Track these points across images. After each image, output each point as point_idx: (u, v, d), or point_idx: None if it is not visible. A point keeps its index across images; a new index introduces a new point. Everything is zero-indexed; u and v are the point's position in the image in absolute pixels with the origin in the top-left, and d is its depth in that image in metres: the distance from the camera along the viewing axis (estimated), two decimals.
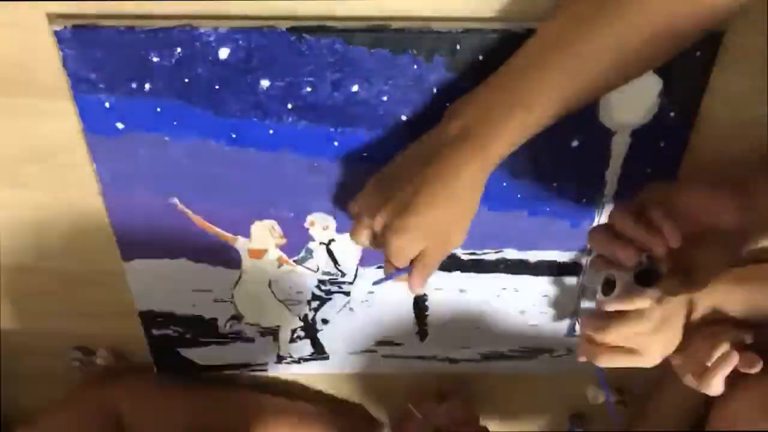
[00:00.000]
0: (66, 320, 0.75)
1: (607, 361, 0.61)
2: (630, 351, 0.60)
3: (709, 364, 0.59)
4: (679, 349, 0.62)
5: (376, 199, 0.53)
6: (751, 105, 0.57)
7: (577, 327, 0.73)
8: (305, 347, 0.76)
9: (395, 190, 0.51)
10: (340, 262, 0.68)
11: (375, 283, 0.60)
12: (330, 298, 0.71)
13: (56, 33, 0.52)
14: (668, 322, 0.60)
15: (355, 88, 0.55)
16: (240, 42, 0.52)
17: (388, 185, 0.52)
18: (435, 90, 0.55)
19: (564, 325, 0.74)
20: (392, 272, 0.55)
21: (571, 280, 0.69)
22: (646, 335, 0.59)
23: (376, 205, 0.52)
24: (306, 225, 0.64)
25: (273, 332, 0.74)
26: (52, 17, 0.52)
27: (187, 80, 0.54)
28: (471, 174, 0.50)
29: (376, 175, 0.55)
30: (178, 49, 0.53)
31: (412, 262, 0.53)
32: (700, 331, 0.62)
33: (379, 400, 0.85)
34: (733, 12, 0.46)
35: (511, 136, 0.49)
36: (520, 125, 0.49)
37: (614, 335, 0.59)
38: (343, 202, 0.62)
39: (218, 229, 0.65)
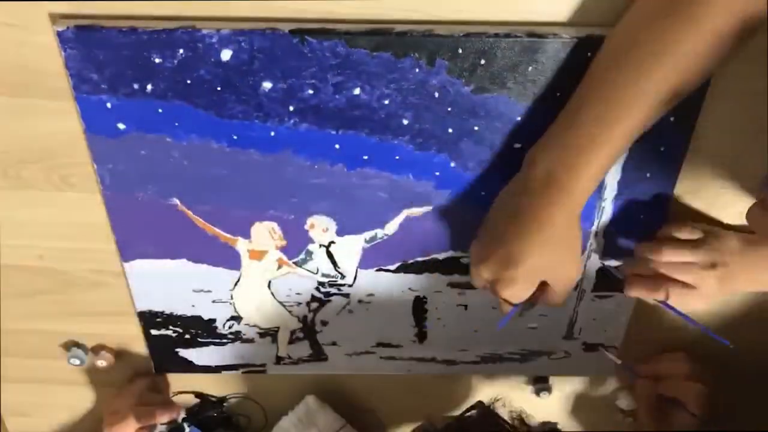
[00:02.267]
0: (66, 320, 0.74)
1: (657, 292, 0.60)
2: (683, 284, 0.59)
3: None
4: None
5: (482, 252, 0.56)
6: (751, 108, 0.57)
7: (577, 329, 0.74)
8: (304, 348, 0.76)
9: (496, 244, 0.54)
10: (339, 265, 0.68)
11: (500, 325, 0.61)
12: (329, 300, 0.71)
13: (58, 33, 0.52)
14: (725, 263, 0.60)
15: (356, 91, 0.55)
16: (242, 44, 0.52)
17: (489, 238, 0.56)
18: (437, 94, 0.55)
19: (562, 327, 0.74)
20: (510, 310, 0.58)
21: None
22: (702, 268, 0.59)
23: (484, 257, 0.55)
24: (306, 227, 0.65)
25: (272, 333, 0.74)
26: (55, 17, 0.52)
27: (189, 81, 0.54)
28: (562, 217, 0.51)
29: (480, 228, 0.58)
30: (181, 51, 0.53)
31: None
32: None
33: (377, 402, 0.86)
34: None
35: (594, 174, 0.50)
36: (601, 163, 0.50)
37: (670, 256, 0.59)
38: (344, 204, 0.62)
39: (218, 230, 0.65)
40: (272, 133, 0.58)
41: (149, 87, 0.55)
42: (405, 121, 0.57)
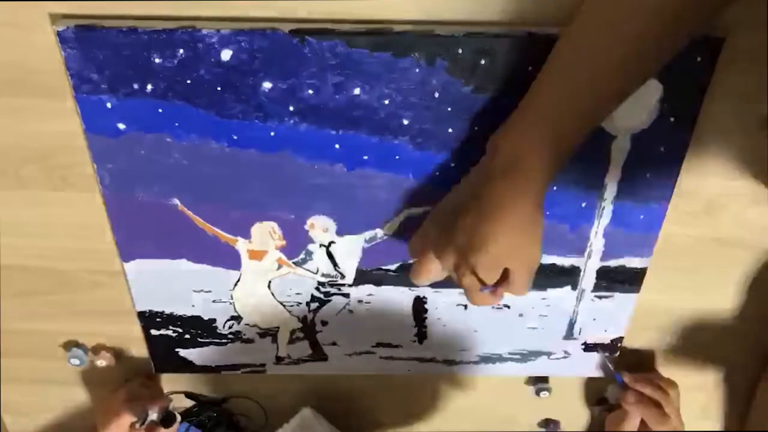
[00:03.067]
0: (66, 320, 0.75)
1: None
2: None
3: None
4: None
5: (438, 238, 0.55)
6: (751, 108, 0.57)
7: (577, 329, 0.74)
8: (304, 348, 0.76)
9: (456, 229, 0.53)
10: (339, 264, 0.68)
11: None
12: (329, 300, 0.71)
13: (59, 33, 0.52)
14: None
15: (356, 90, 0.55)
16: (242, 44, 0.52)
17: (448, 223, 0.54)
18: (437, 94, 0.55)
19: (562, 327, 0.74)
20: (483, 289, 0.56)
21: (569, 284, 0.69)
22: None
23: (442, 244, 0.54)
24: (306, 227, 0.65)
25: (272, 333, 0.74)
26: (55, 17, 0.53)
27: (189, 81, 0.55)
28: (526, 202, 0.51)
29: (432, 214, 0.58)
30: (181, 51, 0.53)
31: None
32: None
33: (377, 402, 0.86)
34: None
35: (555, 164, 0.50)
36: (564, 148, 0.50)
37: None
38: (344, 204, 0.62)
39: (218, 230, 0.65)
40: (272, 133, 0.58)
41: (149, 87, 0.55)
42: (405, 121, 0.57)
